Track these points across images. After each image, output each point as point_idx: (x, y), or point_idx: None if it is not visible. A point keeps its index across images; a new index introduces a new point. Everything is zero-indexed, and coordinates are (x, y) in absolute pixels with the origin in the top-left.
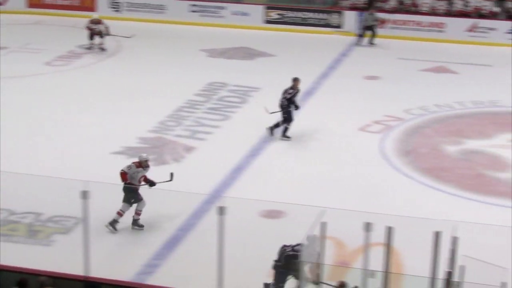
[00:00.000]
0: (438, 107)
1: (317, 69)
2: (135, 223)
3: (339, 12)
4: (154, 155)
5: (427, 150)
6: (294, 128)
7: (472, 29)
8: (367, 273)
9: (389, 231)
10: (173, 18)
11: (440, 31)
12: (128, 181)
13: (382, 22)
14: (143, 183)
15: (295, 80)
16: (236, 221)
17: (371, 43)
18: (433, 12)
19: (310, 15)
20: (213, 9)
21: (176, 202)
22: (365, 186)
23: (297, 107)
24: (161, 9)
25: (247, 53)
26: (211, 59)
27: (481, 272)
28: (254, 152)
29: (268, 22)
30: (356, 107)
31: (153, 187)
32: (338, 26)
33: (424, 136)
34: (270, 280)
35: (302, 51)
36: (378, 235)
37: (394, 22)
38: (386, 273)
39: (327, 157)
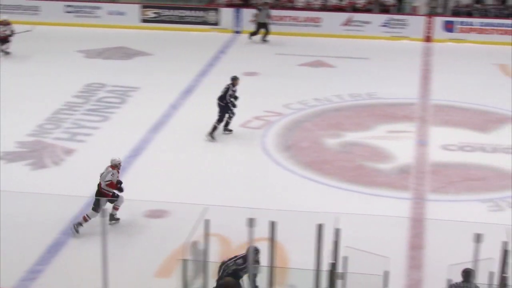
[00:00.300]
0: (317, 101)
1: (196, 67)
2: (112, 218)
3: (215, 10)
4: (33, 159)
5: (308, 144)
6: (174, 126)
7: (347, 23)
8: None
9: (273, 225)
10: (48, 19)
11: (316, 26)
12: (117, 184)
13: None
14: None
15: (235, 79)
16: (120, 222)
17: (264, 40)
18: (308, 7)
19: (187, 13)
20: (88, 9)
21: (58, 206)
22: (248, 182)
23: (234, 106)
24: (36, 11)
25: (125, 53)
26: (89, 60)
27: (364, 262)
28: (136, 152)
29: (145, 21)
30: (236, 103)
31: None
32: (215, 24)
33: (304, 130)
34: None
35: (180, 49)
36: (262, 230)
37: (271, 18)
38: (271, 268)
39: (208, 155)
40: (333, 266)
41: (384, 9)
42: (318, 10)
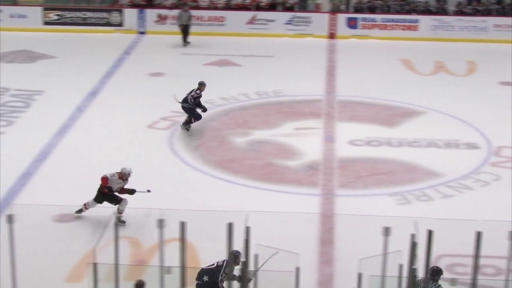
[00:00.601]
0: (223, 100)
1: (100, 69)
2: (119, 220)
3: (119, 11)
4: None
5: (216, 143)
6: (81, 129)
7: (251, 21)
8: (164, 270)
9: (183, 226)
10: None
11: (221, 25)
12: (108, 185)
13: (163, 18)
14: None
15: (202, 84)
16: (27, 228)
17: (185, 42)
18: (213, 7)
19: (90, 14)
20: None
21: None
22: (156, 183)
23: (204, 110)
24: None
25: (28, 56)
26: None
27: (275, 258)
28: (42, 156)
29: (47, 23)
30: (143, 104)
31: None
32: (119, 25)
33: (212, 129)
34: None
35: (85, 51)
36: (172, 231)
37: (175, 18)
38: (183, 268)
39: (115, 157)
40: (245, 264)
41: (288, 7)
42: (222, 9)
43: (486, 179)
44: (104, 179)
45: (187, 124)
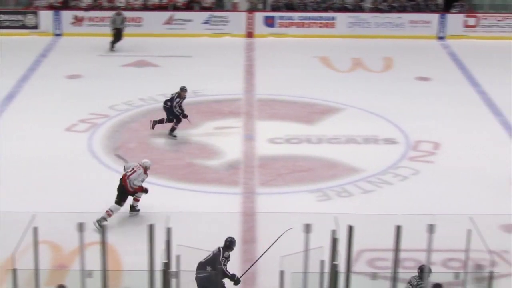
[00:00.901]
0: (142, 101)
1: (16, 72)
2: (133, 209)
3: (34, 13)
4: None
5: (136, 144)
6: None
7: (169, 21)
8: (85, 274)
9: (103, 229)
10: None
11: (138, 26)
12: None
13: (79, 20)
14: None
15: (183, 90)
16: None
17: (112, 47)
18: (129, 7)
19: (4, 17)
20: None
21: None
22: (76, 187)
23: (185, 116)
24: None
25: None
26: None
27: (197, 259)
28: None
29: None
30: (61, 107)
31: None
32: (34, 27)
33: (131, 130)
34: None
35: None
36: (93, 234)
37: (91, 19)
38: (104, 272)
39: (34, 160)
40: (166, 265)
41: (205, 7)
42: (139, 10)
43: (404, 173)
44: (140, 188)
45: (172, 132)
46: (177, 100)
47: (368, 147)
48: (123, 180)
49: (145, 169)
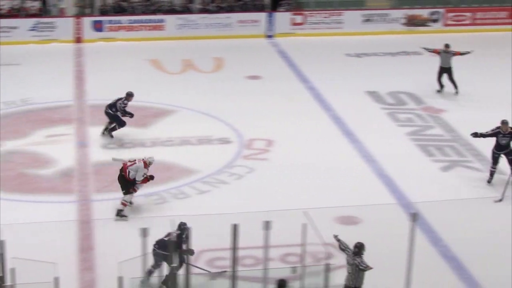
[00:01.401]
0: None
1: None
2: (119, 213)
3: None
4: None
5: None
6: None
7: None
8: None
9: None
10: None
11: None
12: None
13: None
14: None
15: (130, 95)
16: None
17: None
18: None
19: None
20: None
21: None
22: None
23: (131, 115)
24: None
25: None
26: None
27: (33, 270)
28: None
29: None
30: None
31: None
32: None
33: None
34: None
35: None
36: None
37: None
38: None
39: None
40: (1, 279)
41: (31, 14)
42: None
43: (240, 172)
44: (144, 180)
45: (111, 131)
46: (125, 102)
47: (202, 147)
48: (123, 170)
49: (145, 164)
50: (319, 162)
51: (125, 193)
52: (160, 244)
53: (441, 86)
